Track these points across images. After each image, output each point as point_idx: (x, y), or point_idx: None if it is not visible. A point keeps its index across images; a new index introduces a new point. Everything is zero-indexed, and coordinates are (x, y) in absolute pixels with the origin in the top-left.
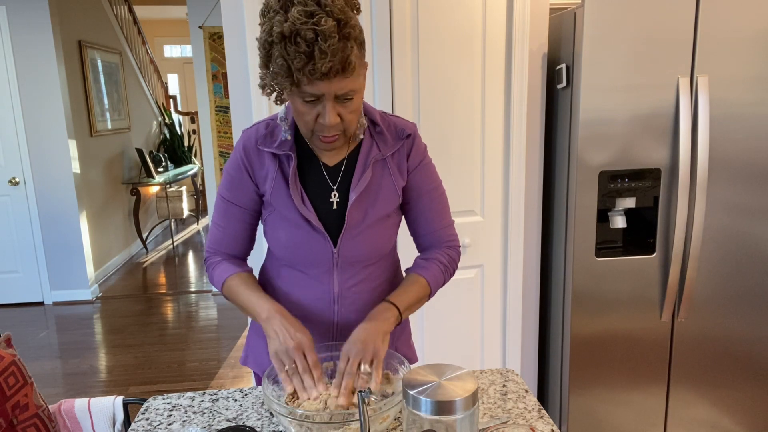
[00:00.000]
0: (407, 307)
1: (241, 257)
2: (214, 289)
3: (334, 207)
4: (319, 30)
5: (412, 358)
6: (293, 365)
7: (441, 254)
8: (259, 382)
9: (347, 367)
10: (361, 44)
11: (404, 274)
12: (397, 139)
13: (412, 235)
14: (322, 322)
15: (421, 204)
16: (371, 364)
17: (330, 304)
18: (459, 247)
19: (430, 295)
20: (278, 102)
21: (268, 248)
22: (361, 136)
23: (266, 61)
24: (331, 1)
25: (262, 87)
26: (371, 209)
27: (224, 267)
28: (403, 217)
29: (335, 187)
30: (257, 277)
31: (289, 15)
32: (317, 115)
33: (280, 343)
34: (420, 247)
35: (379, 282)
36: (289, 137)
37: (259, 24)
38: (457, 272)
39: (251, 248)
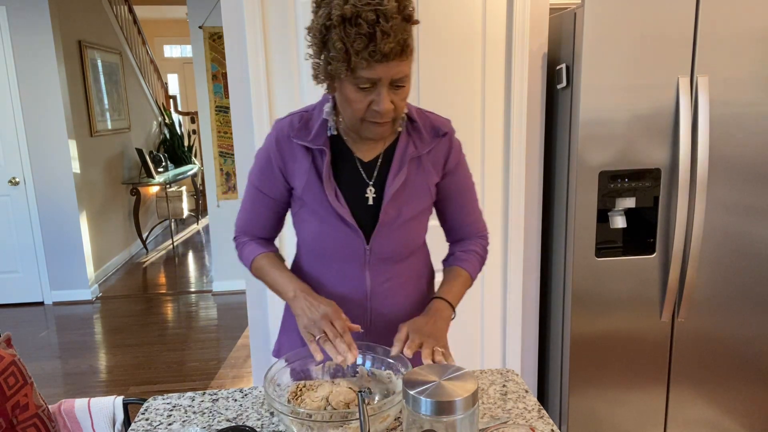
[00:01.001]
0: (458, 301)
1: (269, 237)
2: (215, 289)
3: (370, 202)
4: (381, 10)
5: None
6: (323, 334)
7: (476, 245)
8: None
9: (424, 350)
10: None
11: (442, 266)
12: (434, 137)
13: (443, 227)
14: (356, 317)
15: (455, 201)
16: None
17: (363, 300)
18: (488, 235)
19: (469, 286)
20: (329, 91)
21: (298, 241)
22: (400, 129)
23: (320, 48)
24: None
25: (315, 76)
26: (405, 207)
27: (252, 247)
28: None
29: (371, 183)
30: (290, 269)
31: None
32: (370, 103)
33: (308, 318)
34: (450, 238)
35: (411, 276)
36: (335, 132)
37: (313, 11)
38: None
39: (279, 231)
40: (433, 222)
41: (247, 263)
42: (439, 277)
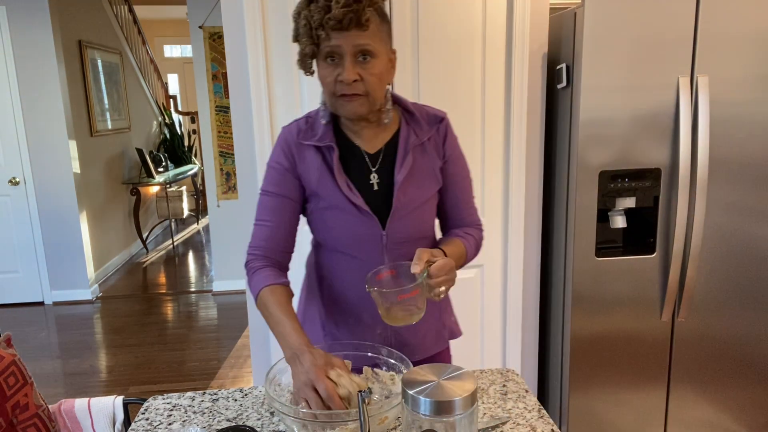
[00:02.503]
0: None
1: (285, 257)
2: (215, 289)
3: (375, 188)
4: None
5: (456, 332)
6: (306, 404)
7: (474, 231)
8: None
9: (443, 277)
10: (382, 17)
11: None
12: (432, 125)
13: (439, 217)
14: (374, 303)
15: (453, 192)
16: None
17: None
18: (482, 228)
19: (461, 266)
20: (308, 73)
21: (314, 241)
22: (386, 121)
23: (296, 34)
24: None
25: (298, 62)
26: (416, 192)
27: (263, 275)
28: None
29: (374, 170)
30: (306, 268)
31: None
32: (338, 75)
33: (298, 384)
34: (445, 229)
35: None
36: (327, 121)
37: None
38: (457, 272)
39: (293, 247)
40: None
41: (254, 293)
42: None
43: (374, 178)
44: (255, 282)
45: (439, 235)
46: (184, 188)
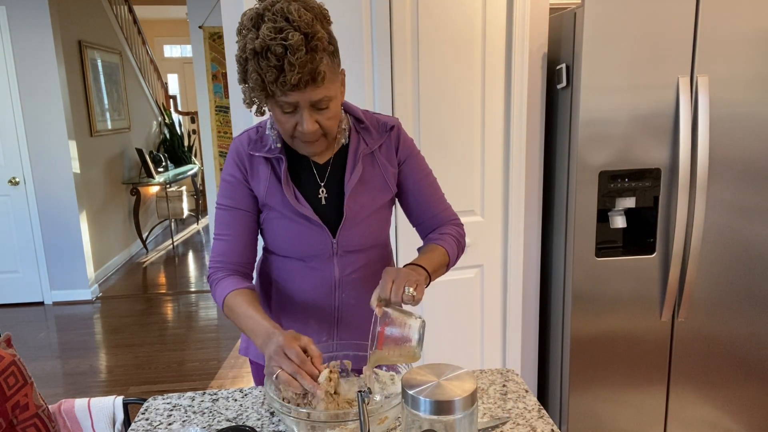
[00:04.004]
0: (434, 270)
1: (247, 268)
2: None
3: (323, 202)
4: (287, 44)
5: None
6: (280, 370)
7: (450, 229)
8: (257, 374)
9: (393, 286)
10: (333, 53)
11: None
12: (382, 133)
13: (413, 224)
14: (324, 308)
15: (417, 193)
16: (414, 288)
17: (331, 290)
18: (461, 223)
19: (448, 265)
20: (259, 113)
21: (266, 246)
22: (343, 141)
23: (243, 77)
24: (298, 17)
25: (243, 101)
26: (367, 200)
27: (226, 283)
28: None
29: (323, 184)
30: (256, 273)
31: (260, 32)
32: (296, 123)
33: (268, 358)
34: (423, 233)
35: (378, 267)
36: (279, 145)
37: (236, 42)
38: (457, 272)
39: (255, 256)
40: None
41: (220, 301)
42: None
43: (323, 192)
44: (219, 291)
45: (404, 241)
46: (184, 188)
